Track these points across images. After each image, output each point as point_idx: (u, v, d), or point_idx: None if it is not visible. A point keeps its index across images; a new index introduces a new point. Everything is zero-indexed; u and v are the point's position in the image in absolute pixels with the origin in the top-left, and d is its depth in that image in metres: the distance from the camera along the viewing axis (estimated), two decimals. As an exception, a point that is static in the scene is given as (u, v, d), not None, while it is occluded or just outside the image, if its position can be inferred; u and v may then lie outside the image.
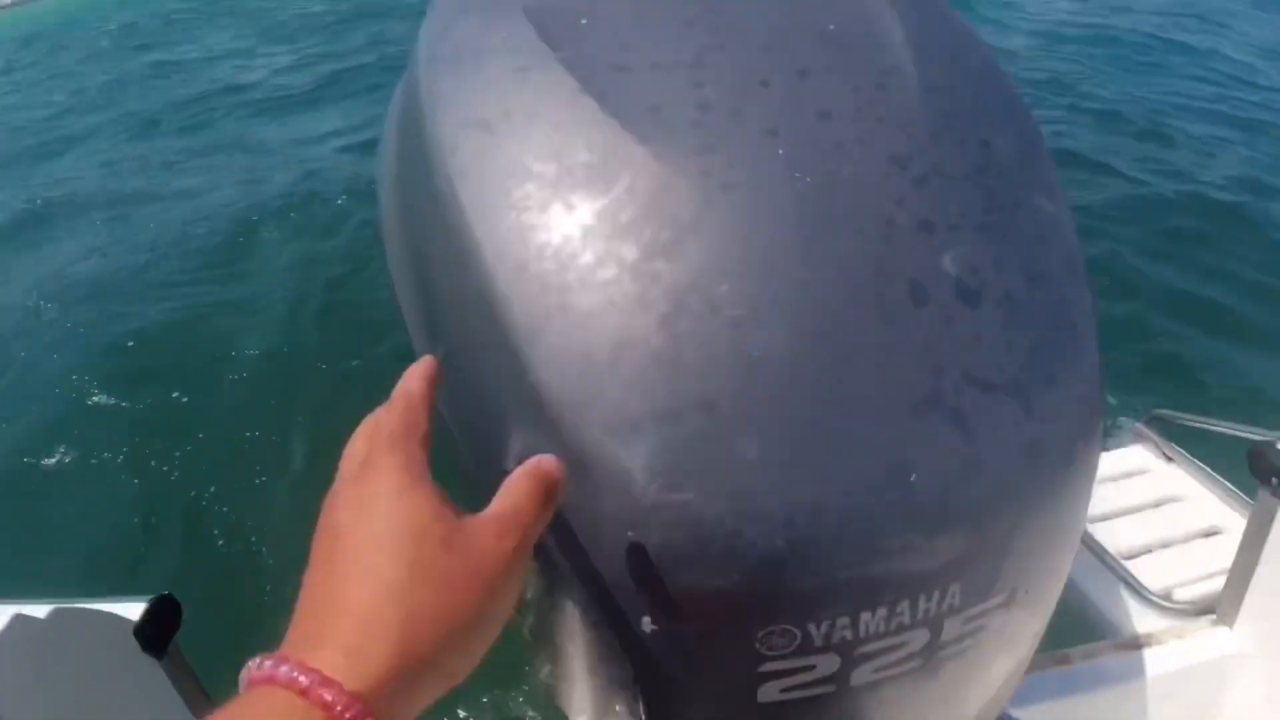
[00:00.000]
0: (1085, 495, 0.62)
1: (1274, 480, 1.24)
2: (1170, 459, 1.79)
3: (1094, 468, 0.61)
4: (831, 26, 0.67)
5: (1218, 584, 1.41)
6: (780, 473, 0.50)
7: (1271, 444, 1.25)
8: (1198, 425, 1.65)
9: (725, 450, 0.49)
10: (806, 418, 0.50)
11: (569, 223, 0.54)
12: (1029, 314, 0.56)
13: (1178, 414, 1.77)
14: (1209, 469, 1.74)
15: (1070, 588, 1.49)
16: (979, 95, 0.67)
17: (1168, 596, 1.46)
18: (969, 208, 0.57)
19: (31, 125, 10.82)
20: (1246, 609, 1.35)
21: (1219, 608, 1.39)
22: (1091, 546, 1.55)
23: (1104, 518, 1.64)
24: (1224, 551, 1.41)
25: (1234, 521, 1.57)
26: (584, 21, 0.68)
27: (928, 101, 0.61)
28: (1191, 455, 1.79)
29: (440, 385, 0.54)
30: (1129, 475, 1.77)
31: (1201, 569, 1.53)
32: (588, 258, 0.53)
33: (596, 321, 0.52)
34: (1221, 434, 1.50)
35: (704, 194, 0.54)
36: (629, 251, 0.53)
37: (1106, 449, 1.85)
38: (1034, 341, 0.55)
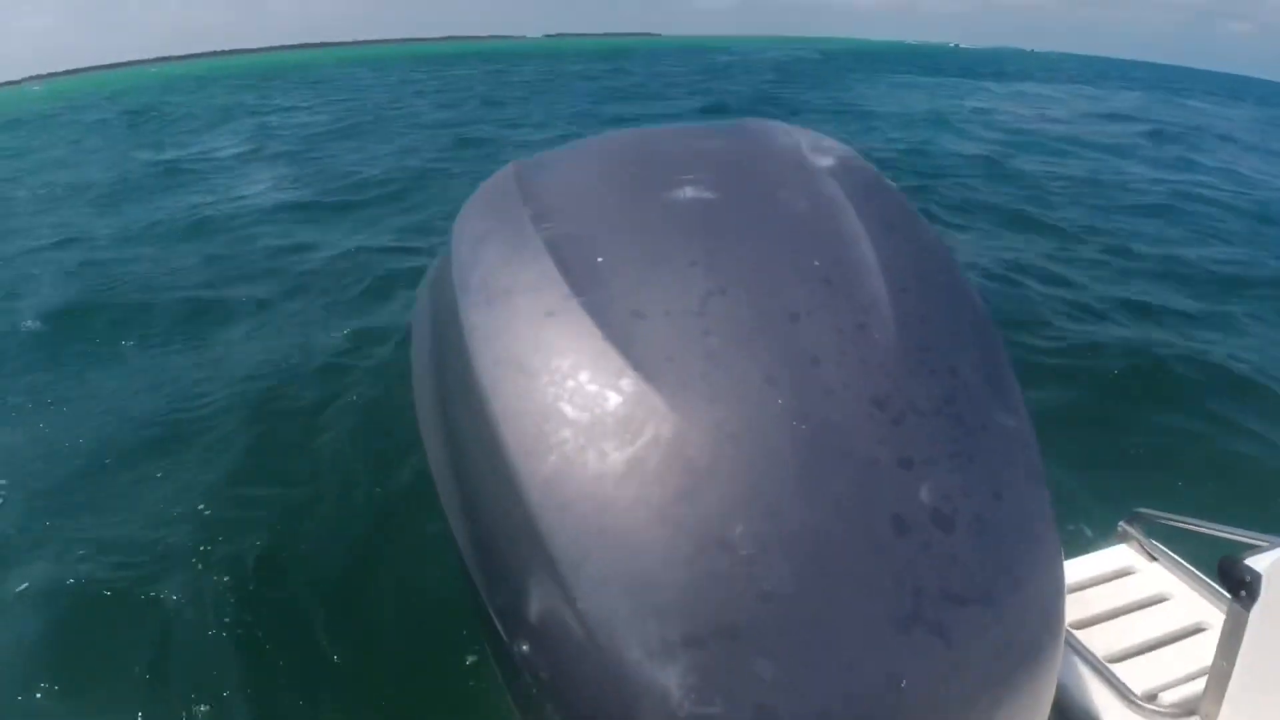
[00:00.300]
0: (1053, 668, 0.72)
1: (1242, 592, 1.32)
2: (1154, 557, 1.84)
3: (1059, 645, 0.71)
4: (816, 262, 0.79)
5: (1202, 684, 1.44)
6: (792, 688, 0.59)
7: (1239, 558, 1.33)
8: (1177, 524, 1.70)
9: (746, 671, 0.59)
10: (811, 640, 0.60)
11: (604, 469, 0.65)
12: (996, 531, 0.66)
13: (1158, 513, 1.81)
14: (1191, 566, 1.78)
15: (1059, 694, 1.54)
16: (947, 319, 0.78)
17: (1153, 699, 1.50)
18: (941, 438, 0.68)
19: (10, 226, 10.33)
20: (1226, 712, 1.40)
21: (1200, 708, 1.43)
22: (1079, 651, 1.59)
23: (1090, 622, 1.68)
24: (1208, 650, 1.44)
25: (1217, 619, 1.60)
26: (600, 260, 0.79)
27: (903, 337, 0.72)
28: (1174, 551, 1.83)
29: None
30: (1114, 576, 1.82)
31: (1186, 669, 1.57)
32: (623, 503, 0.63)
33: (631, 559, 0.62)
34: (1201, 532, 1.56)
35: (716, 444, 0.64)
36: (656, 497, 0.63)
37: (1092, 549, 1.91)
38: (1000, 555, 0.65)
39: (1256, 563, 1.32)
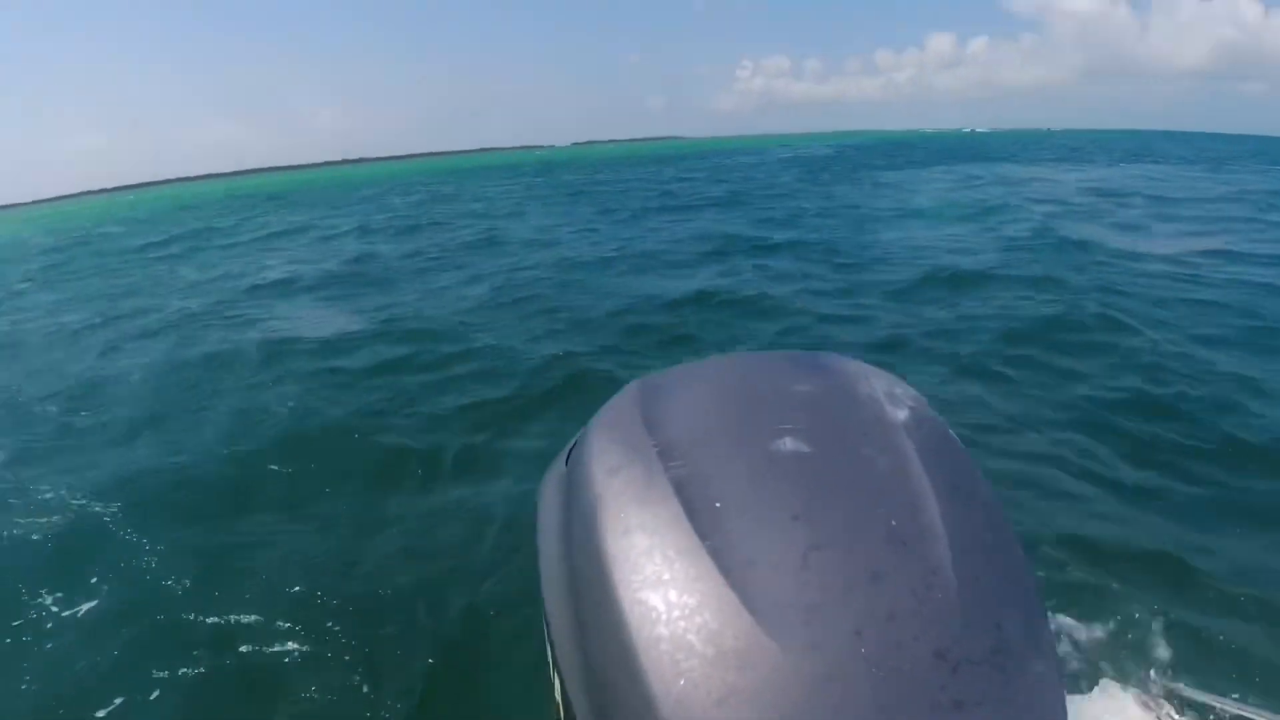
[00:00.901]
0: None
1: None
2: None
3: None
4: (893, 523, 0.95)
5: None
6: None
7: None
8: (1212, 704, 1.80)
9: None
10: None
11: (726, 695, 0.82)
12: None
13: (1195, 692, 1.90)
14: None
15: None
16: (998, 579, 0.94)
17: None
18: (989, 686, 0.83)
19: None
20: None
21: None
22: None
23: None
24: None
25: None
26: (719, 505, 0.97)
27: (962, 596, 0.89)
28: None
29: None
30: None
31: None
32: None
33: None
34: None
35: (815, 684, 0.82)
36: None
37: None
38: None
39: None
